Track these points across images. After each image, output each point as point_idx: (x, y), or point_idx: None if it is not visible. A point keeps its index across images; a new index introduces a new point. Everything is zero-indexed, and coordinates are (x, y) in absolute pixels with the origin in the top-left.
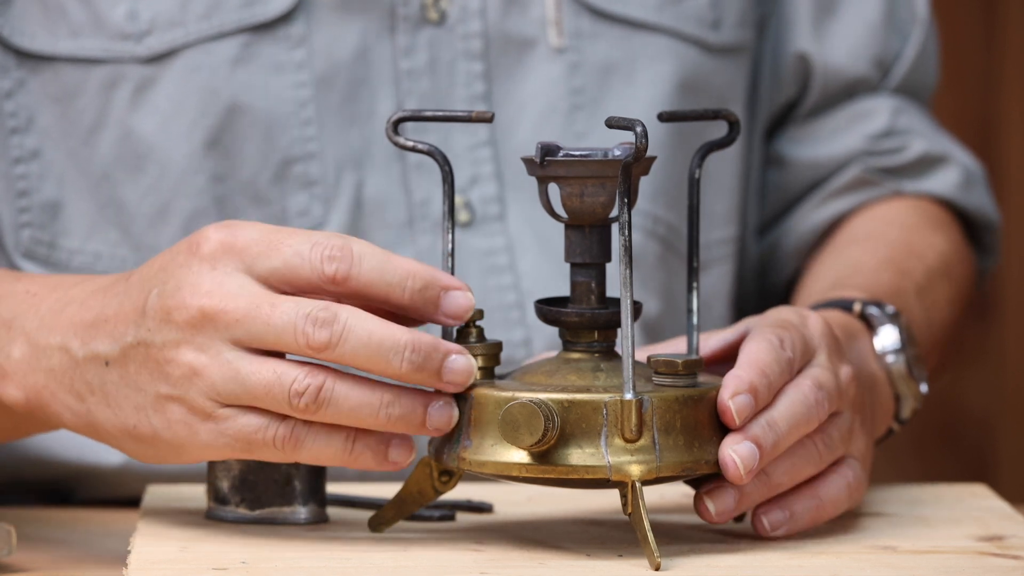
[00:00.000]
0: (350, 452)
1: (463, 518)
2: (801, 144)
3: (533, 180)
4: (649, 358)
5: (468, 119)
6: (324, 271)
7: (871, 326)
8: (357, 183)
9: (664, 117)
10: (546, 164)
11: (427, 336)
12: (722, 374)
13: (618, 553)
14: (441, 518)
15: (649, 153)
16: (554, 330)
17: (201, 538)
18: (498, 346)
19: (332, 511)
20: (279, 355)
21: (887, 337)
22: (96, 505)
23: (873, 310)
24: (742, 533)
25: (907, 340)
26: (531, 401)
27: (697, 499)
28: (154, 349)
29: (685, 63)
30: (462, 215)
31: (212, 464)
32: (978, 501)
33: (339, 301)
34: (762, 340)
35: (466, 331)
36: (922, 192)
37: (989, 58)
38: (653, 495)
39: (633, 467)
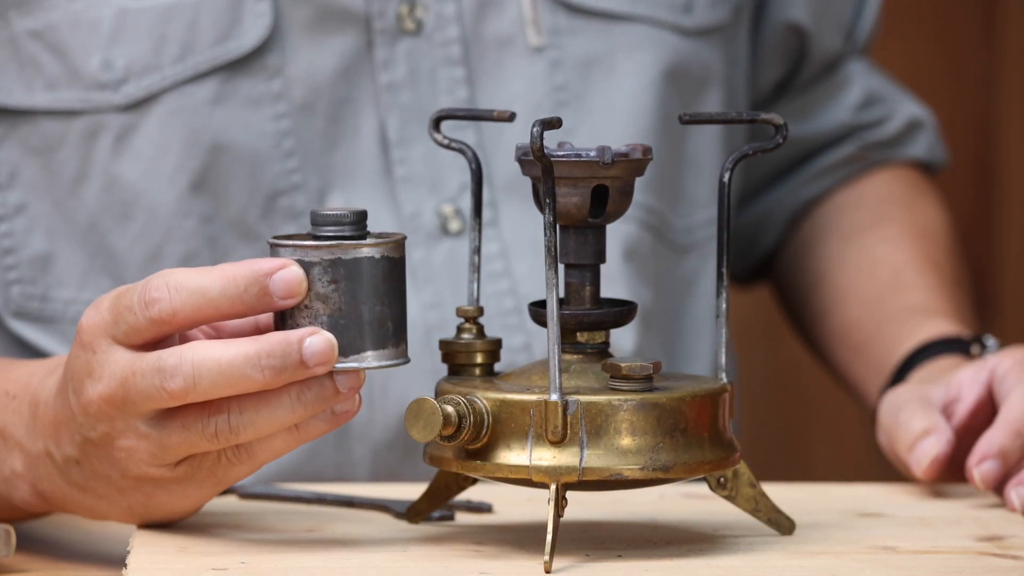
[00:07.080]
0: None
1: (463, 518)
2: (791, 120)
3: (524, 183)
4: (603, 362)
5: (491, 118)
6: (150, 317)
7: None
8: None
9: (685, 120)
10: (524, 162)
11: (274, 335)
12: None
13: (617, 553)
14: (441, 518)
15: (639, 141)
16: None
17: (200, 538)
18: (497, 343)
19: (332, 511)
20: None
21: None
22: None
23: (987, 351)
24: (741, 533)
25: None
26: (460, 398)
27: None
28: (97, 444)
29: (664, 50)
30: (454, 224)
31: (294, 312)
32: (978, 501)
33: (195, 336)
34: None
35: (466, 328)
36: (906, 159)
37: (989, 58)
38: (653, 495)
39: (555, 469)
